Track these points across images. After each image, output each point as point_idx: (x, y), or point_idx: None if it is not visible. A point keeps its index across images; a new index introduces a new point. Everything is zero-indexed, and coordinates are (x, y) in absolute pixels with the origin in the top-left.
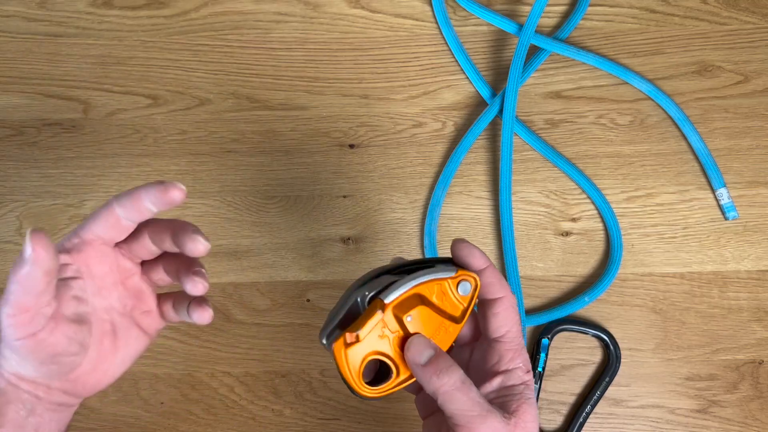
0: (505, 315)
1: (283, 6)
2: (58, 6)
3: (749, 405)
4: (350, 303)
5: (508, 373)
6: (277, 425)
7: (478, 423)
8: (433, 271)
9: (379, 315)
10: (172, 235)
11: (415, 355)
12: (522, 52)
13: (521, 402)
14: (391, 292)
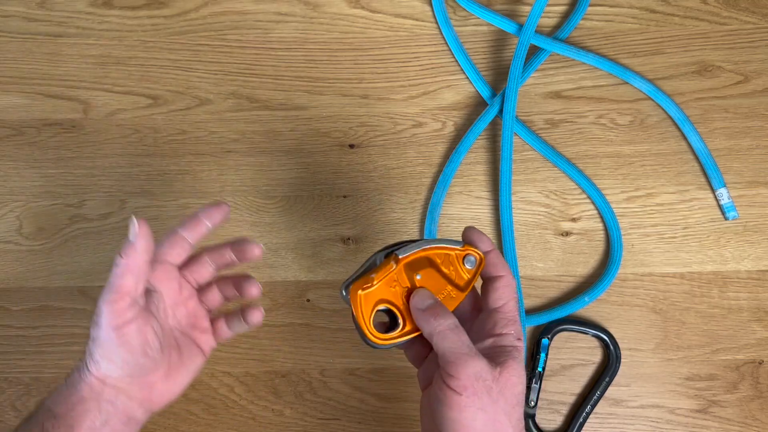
0: (503, 290)
1: (283, 6)
2: (58, 6)
3: (749, 405)
4: (369, 262)
5: (500, 336)
6: (277, 425)
7: (466, 359)
8: (444, 240)
9: (392, 266)
10: (230, 246)
11: (417, 302)
12: (522, 52)
13: (508, 358)
14: (405, 249)
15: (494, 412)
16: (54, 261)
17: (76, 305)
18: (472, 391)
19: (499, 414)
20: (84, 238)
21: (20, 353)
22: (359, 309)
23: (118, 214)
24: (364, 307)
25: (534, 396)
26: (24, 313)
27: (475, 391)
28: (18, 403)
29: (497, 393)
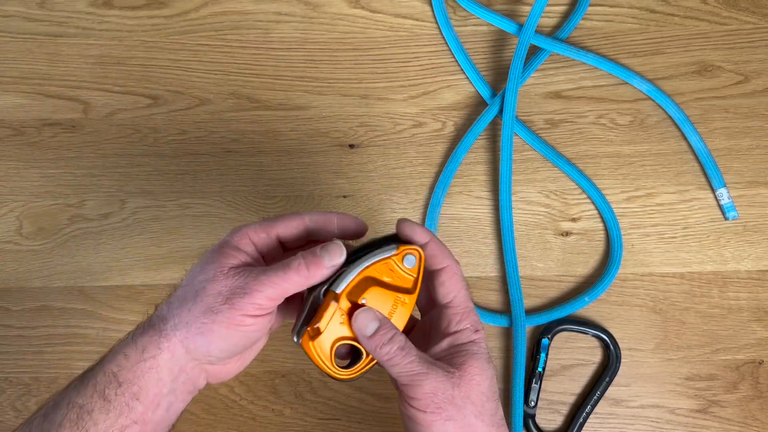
0: (450, 282)
1: (283, 6)
2: (58, 6)
3: (749, 405)
4: (310, 301)
5: (456, 334)
6: (277, 425)
7: (421, 379)
8: (377, 252)
9: (333, 305)
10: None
11: (361, 328)
12: (522, 52)
13: (467, 357)
14: (340, 282)
15: (462, 417)
16: (54, 261)
17: (76, 305)
18: (434, 407)
19: (468, 418)
20: (84, 238)
21: (20, 353)
22: (316, 357)
23: (118, 214)
24: (320, 354)
25: (534, 396)
26: (24, 313)
27: (438, 405)
28: (18, 403)
29: (462, 399)
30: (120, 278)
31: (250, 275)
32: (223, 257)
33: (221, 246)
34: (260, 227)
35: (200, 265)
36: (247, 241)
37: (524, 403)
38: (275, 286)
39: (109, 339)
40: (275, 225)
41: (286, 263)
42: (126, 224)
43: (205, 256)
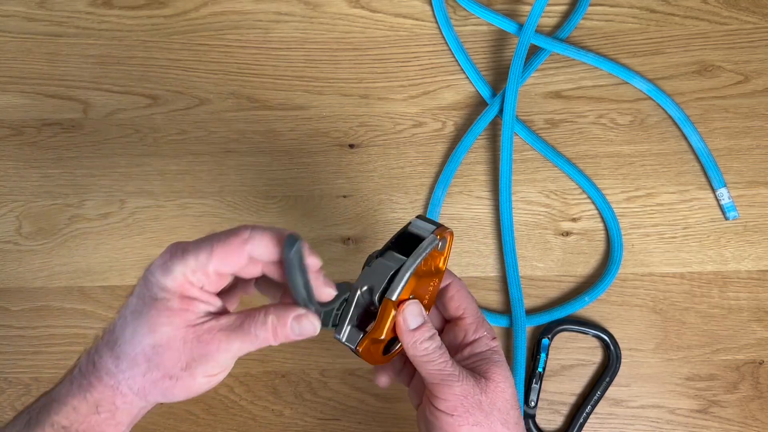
0: (459, 295)
1: (283, 6)
2: (57, 6)
3: (749, 405)
4: (356, 301)
5: (474, 343)
6: (276, 425)
7: (452, 380)
8: (421, 249)
9: (393, 313)
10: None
11: (408, 320)
12: (522, 52)
13: (490, 365)
14: (395, 288)
15: (489, 424)
16: (54, 261)
17: (76, 305)
18: (463, 410)
19: (495, 425)
20: (84, 238)
21: (20, 353)
22: (372, 359)
23: (118, 213)
24: (374, 356)
25: (534, 396)
26: (24, 313)
27: (467, 409)
28: (17, 404)
29: (488, 405)
30: (119, 278)
31: (212, 339)
32: (172, 315)
33: (164, 299)
34: (196, 265)
35: (142, 320)
36: (189, 285)
37: (524, 403)
38: (238, 350)
39: None
40: (210, 260)
41: (250, 325)
42: (126, 224)
43: (144, 304)
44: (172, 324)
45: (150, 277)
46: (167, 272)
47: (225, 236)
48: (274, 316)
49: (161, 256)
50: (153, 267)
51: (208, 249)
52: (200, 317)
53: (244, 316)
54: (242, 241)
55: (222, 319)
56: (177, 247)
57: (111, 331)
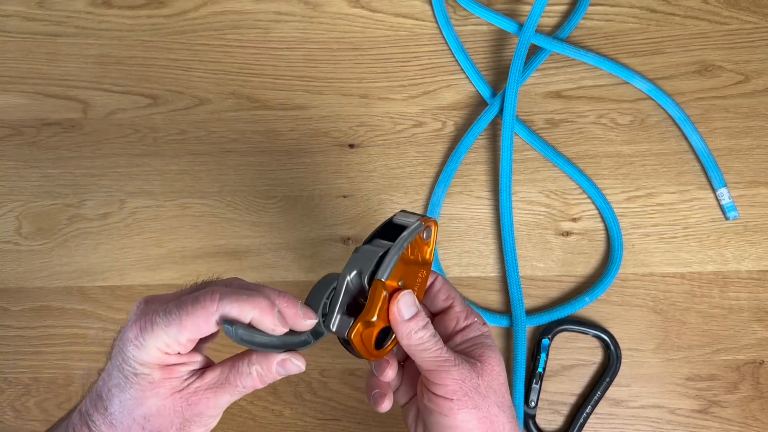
0: (445, 288)
1: (283, 5)
2: (57, 5)
3: (750, 405)
4: (344, 288)
5: (466, 329)
6: (276, 426)
7: (450, 365)
8: (407, 234)
9: (385, 295)
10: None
11: (402, 310)
12: (522, 52)
13: (484, 348)
14: (384, 269)
15: (487, 407)
16: (53, 261)
17: (76, 305)
18: (462, 393)
19: (492, 407)
20: (83, 238)
21: (19, 353)
22: (363, 347)
23: (118, 214)
24: (366, 344)
25: (534, 396)
26: (23, 313)
27: (465, 392)
28: (17, 404)
29: (485, 388)
30: (119, 278)
31: (200, 399)
32: (156, 387)
33: (144, 374)
34: (168, 339)
35: (127, 394)
36: (165, 356)
37: (524, 403)
38: (227, 402)
39: (108, 339)
40: (181, 332)
41: (236, 378)
42: (125, 224)
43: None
44: (158, 395)
45: (126, 352)
46: (141, 348)
47: (192, 307)
48: (258, 366)
49: (131, 326)
50: (125, 340)
51: (177, 322)
52: (184, 380)
53: (228, 369)
54: (210, 314)
55: (207, 377)
56: (145, 320)
57: (98, 395)
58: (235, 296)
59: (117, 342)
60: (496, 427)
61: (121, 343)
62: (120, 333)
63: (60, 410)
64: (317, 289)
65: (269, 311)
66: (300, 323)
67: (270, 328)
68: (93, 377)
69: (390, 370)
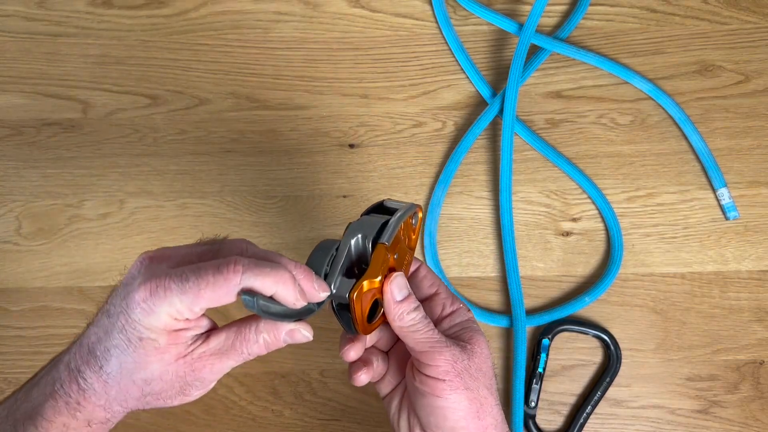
0: (429, 276)
1: (283, 5)
2: (57, 5)
3: (750, 405)
4: (347, 251)
5: (453, 314)
6: (276, 426)
7: (441, 346)
8: (405, 208)
9: (388, 256)
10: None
11: (395, 292)
12: (522, 52)
13: (472, 333)
14: (388, 234)
15: (477, 388)
16: (53, 261)
17: (75, 305)
18: (454, 374)
19: (481, 389)
20: (83, 238)
21: (19, 353)
22: (359, 311)
23: (118, 214)
24: (363, 308)
25: (534, 396)
26: (23, 313)
27: (458, 373)
28: None
29: (476, 369)
30: (119, 278)
31: (204, 365)
32: (161, 352)
33: (150, 338)
34: (182, 306)
35: (129, 357)
36: (174, 322)
37: (524, 403)
38: (230, 367)
39: None
40: (197, 301)
41: (242, 345)
42: (125, 224)
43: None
44: (162, 360)
45: (131, 314)
46: (150, 313)
47: (213, 278)
48: (266, 334)
49: (138, 288)
50: (131, 302)
51: (195, 291)
52: (189, 345)
53: (234, 334)
54: (232, 286)
55: (212, 341)
56: (156, 284)
57: (90, 352)
58: (258, 269)
59: (117, 299)
60: (485, 408)
61: (125, 304)
62: (120, 288)
63: None
64: (316, 255)
65: (292, 285)
66: (315, 296)
67: (291, 302)
68: None
69: (353, 351)
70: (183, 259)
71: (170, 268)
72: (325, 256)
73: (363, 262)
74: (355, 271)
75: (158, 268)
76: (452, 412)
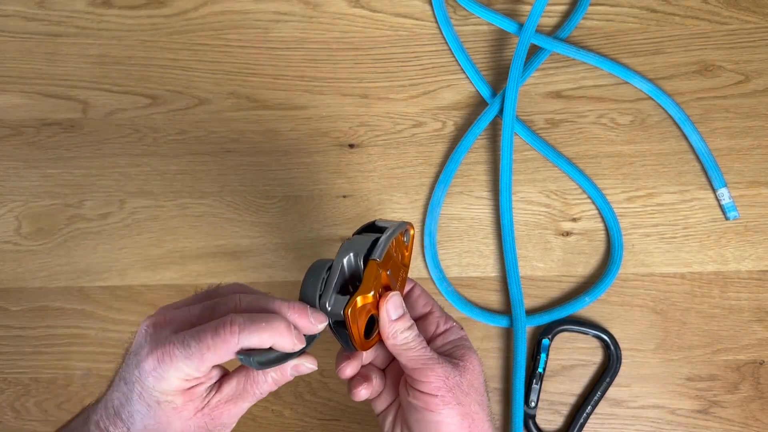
0: (423, 295)
1: (283, 5)
2: (57, 5)
3: (750, 405)
4: (339, 269)
5: (446, 332)
6: (276, 426)
7: (434, 363)
8: (396, 225)
9: (380, 272)
10: None
11: (390, 311)
12: (522, 52)
13: (465, 350)
14: (378, 250)
15: (468, 404)
16: (53, 261)
17: (75, 305)
18: (446, 390)
19: (473, 405)
20: (83, 238)
21: (19, 353)
22: (356, 327)
23: (117, 214)
24: (359, 325)
25: (534, 396)
26: (23, 313)
27: (450, 389)
28: (17, 404)
29: (468, 386)
30: (119, 278)
31: (222, 412)
32: (179, 411)
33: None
34: (190, 371)
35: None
36: (186, 383)
37: (524, 403)
38: (247, 408)
39: (108, 339)
40: (203, 363)
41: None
42: (125, 224)
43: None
44: (182, 417)
45: (145, 383)
46: (161, 380)
47: (212, 341)
48: (274, 373)
49: (146, 357)
50: (142, 371)
51: (198, 356)
52: (204, 397)
53: (243, 378)
54: (231, 347)
55: (224, 389)
56: (162, 352)
57: (116, 415)
58: (254, 326)
59: (130, 367)
60: (477, 424)
61: (137, 372)
62: (131, 356)
63: (60, 410)
64: (309, 280)
65: (287, 334)
66: (313, 330)
67: (290, 349)
68: (92, 378)
69: (348, 368)
70: (183, 322)
71: (172, 333)
72: (318, 279)
73: (357, 279)
74: (350, 289)
75: (162, 334)
76: (445, 426)
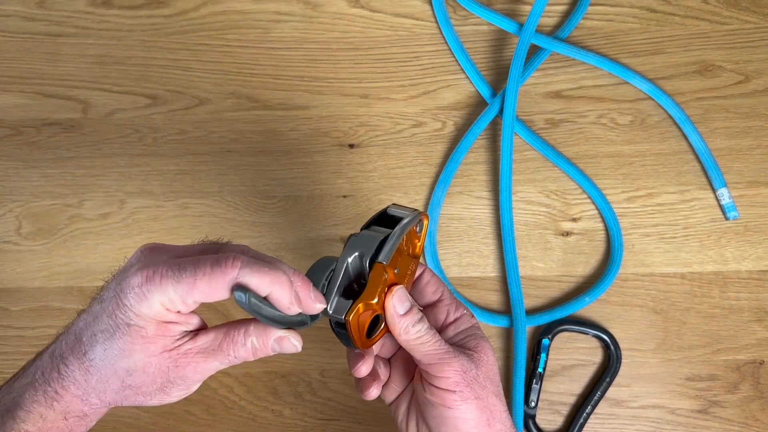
0: (433, 281)
1: (283, 5)
2: (57, 5)
3: (750, 405)
4: (343, 271)
5: (458, 321)
6: (276, 426)
7: (450, 357)
8: (407, 220)
9: (386, 277)
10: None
11: (396, 306)
12: (522, 52)
13: (477, 340)
14: (385, 252)
15: (486, 397)
16: (53, 261)
17: (75, 305)
18: (464, 385)
19: (490, 398)
20: (83, 238)
21: (19, 353)
22: (357, 331)
23: (118, 214)
24: (361, 328)
25: (534, 396)
26: (23, 313)
27: (468, 383)
28: None
29: (484, 378)
30: None
31: (189, 363)
32: (148, 342)
33: (138, 326)
34: (176, 296)
35: (115, 343)
36: (165, 312)
37: (524, 403)
38: (215, 369)
39: None
40: (192, 292)
41: (230, 346)
42: (125, 224)
43: (117, 327)
44: (147, 351)
45: (123, 299)
46: (143, 299)
47: (210, 269)
48: (255, 338)
49: (135, 273)
50: (125, 287)
51: (190, 281)
52: (176, 339)
53: (222, 335)
54: (228, 280)
55: (199, 340)
56: (154, 271)
57: (77, 338)
58: (257, 267)
59: (112, 285)
60: (495, 416)
61: (119, 288)
62: (116, 276)
63: None
64: (314, 272)
65: (288, 288)
66: (311, 306)
67: (286, 306)
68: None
69: (364, 366)
70: (184, 252)
71: (170, 258)
72: (323, 273)
73: (362, 278)
74: (354, 287)
75: (158, 257)
76: (463, 422)
